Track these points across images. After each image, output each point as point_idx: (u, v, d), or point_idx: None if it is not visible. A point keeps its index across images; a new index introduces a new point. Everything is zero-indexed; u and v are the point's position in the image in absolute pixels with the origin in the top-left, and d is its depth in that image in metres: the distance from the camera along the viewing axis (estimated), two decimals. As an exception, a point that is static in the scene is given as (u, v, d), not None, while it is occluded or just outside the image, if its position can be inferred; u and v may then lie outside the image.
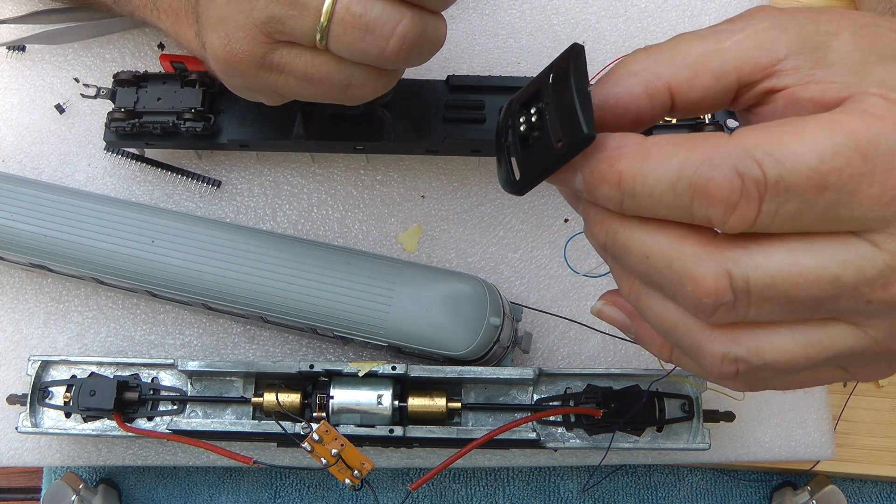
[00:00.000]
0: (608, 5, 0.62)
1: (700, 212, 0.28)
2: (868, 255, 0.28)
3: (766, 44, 0.30)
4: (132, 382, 0.51)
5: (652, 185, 0.28)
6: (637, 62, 0.31)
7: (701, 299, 0.28)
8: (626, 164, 0.29)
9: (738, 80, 0.30)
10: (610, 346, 0.56)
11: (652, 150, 0.29)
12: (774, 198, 0.27)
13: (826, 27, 0.30)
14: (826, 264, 0.28)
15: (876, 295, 0.28)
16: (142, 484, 0.60)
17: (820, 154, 0.26)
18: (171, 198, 0.58)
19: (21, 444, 0.55)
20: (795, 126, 0.27)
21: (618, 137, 0.30)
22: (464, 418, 0.50)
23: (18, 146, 0.59)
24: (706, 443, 0.49)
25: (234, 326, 0.57)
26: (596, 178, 0.30)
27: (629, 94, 0.31)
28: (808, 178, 0.26)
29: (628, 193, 0.29)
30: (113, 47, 0.61)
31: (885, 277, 0.28)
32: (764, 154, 0.27)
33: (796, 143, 0.27)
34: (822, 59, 0.29)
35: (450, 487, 0.60)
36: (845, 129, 0.27)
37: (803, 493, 0.58)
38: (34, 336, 0.57)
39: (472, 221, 0.58)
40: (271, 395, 0.49)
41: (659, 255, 0.29)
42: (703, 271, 0.28)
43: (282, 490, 0.60)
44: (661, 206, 0.28)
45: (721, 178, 0.27)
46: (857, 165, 0.26)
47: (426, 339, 0.48)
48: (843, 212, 0.27)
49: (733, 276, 0.28)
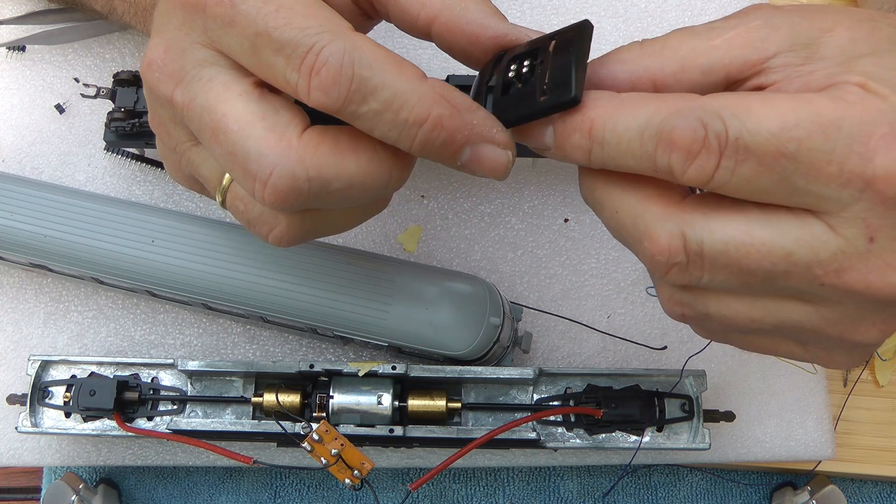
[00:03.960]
0: (608, 5, 0.62)
1: (663, 159, 0.29)
2: (823, 236, 0.28)
3: (756, 42, 0.30)
4: (132, 382, 0.51)
5: (621, 133, 0.29)
6: (629, 51, 0.32)
7: (655, 256, 0.30)
8: (598, 112, 0.30)
9: (727, 77, 0.31)
10: (610, 346, 0.56)
11: (625, 101, 0.30)
12: (733, 154, 0.28)
13: (821, 24, 0.30)
14: (780, 238, 0.29)
15: (829, 279, 0.29)
16: (142, 484, 0.60)
17: (782, 122, 0.27)
18: (171, 198, 0.58)
19: (21, 444, 0.55)
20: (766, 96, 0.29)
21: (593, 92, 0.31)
22: (464, 418, 0.50)
23: (18, 146, 0.59)
24: (706, 443, 0.49)
25: (234, 326, 0.57)
26: (568, 127, 0.31)
27: (612, 78, 0.32)
28: (767, 141, 0.27)
29: (598, 141, 0.30)
30: (113, 47, 0.61)
31: (838, 262, 0.28)
32: (729, 113, 0.28)
33: (762, 109, 0.28)
34: (814, 55, 0.30)
35: (450, 487, 0.60)
36: (813, 106, 0.28)
37: (803, 493, 0.58)
38: (34, 336, 0.57)
39: (472, 221, 0.58)
40: (271, 395, 0.49)
41: (626, 211, 0.31)
42: (659, 230, 0.30)
43: (282, 490, 0.60)
44: (627, 155, 0.30)
45: (685, 126, 0.28)
46: (817, 140, 0.27)
47: (426, 338, 0.48)
48: (799, 182, 0.28)
49: (687, 237, 0.29)
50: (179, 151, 0.36)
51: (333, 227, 0.36)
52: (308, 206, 0.33)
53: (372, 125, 0.30)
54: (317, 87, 0.30)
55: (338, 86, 0.29)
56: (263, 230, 0.35)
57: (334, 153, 0.31)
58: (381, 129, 0.30)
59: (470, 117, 0.31)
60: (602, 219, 0.33)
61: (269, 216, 0.34)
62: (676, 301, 0.32)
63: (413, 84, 0.30)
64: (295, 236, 0.35)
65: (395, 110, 0.30)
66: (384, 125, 0.30)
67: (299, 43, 0.30)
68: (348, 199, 0.32)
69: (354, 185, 0.32)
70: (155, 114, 0.36)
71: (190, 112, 0.33)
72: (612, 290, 0.57)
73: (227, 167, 0.33)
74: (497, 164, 0.32)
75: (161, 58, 0.33)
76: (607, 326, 0.56)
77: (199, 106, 0.32)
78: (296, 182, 0.31)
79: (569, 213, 0.58)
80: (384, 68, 0.30)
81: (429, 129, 0.30)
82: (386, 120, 0.30)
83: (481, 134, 0.31)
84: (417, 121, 0.30)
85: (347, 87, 0.29)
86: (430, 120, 0.30)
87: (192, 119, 0.33)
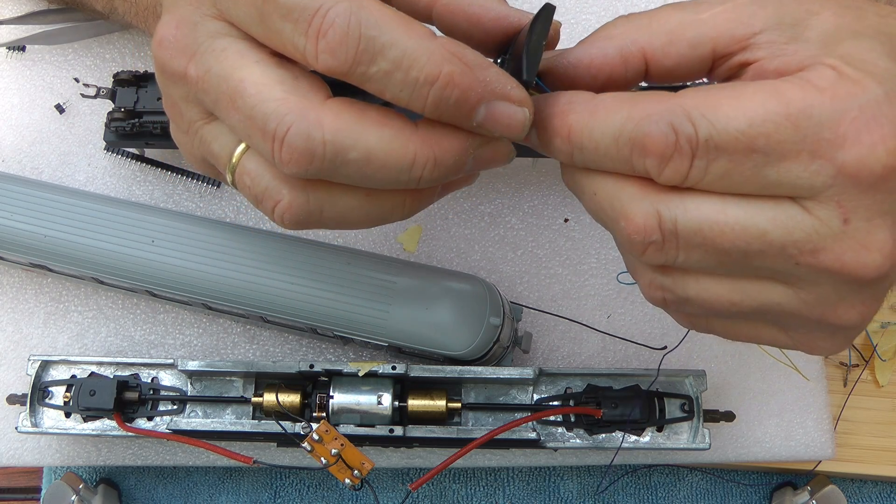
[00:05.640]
0: (608, 5, 0.62)
1: (639, 163, 0.29)
2: (797, 217, 0.29)
3: (744, 18, 0.31)
4: (132, 382, 0.51)
5: (597, 139, 0.30)
6: (616, 27, 0.33)
7: (631, 235, 0.30)
8: (574, 118, 0.31)
9: (714, 52, 0.31)
10: (610, 346, 0.56)
11: (599, 107, 0.30)
12: (705, 154, 0.28)
13: (808, 6, 0.31)
14: (754, 218, 0.29)
15: (804, 259, 0.29)
16: (142, 484, 0.60)
17: (750, 118, 0.28)
18: (171, 198, 0.58)
19: (21, 444, 0.55)
20: (735, 90, 0.29)
21: (568, 94, 0.31)
22: (464, 418, 0.50)
23: (18, 146, 0.59)
24: (706, 443, 0.49)
25: (234, 326, 0.57)
26: (549, 132, 0.31)
27: (603, 55, 0.32)
28: (737, 139, 0.28)
29: (577, 146, 0.31)
30: (113, 47, 0.61)
31: (813, 242, 0.29)
32: (699, 114, 0.28)
33: (730, 106, 0.28)
34: (798, 35, 0.30)
35: (450, 487, 0.60)
36: (781, 97, 0.28)
37: (803, 493, 0.58)
38: (34, 336, 0.57)
39: (472, 221, 0.58)
40: (271, 395, 0.49)
41: (604, 193, 0.31)
42: (634, 209, 0.30)
43: (282, 490, 0.60)
44: (605, 158, 0.30)
45: (657, 132, 0.29)
46: (787, 132, 0.28)
47: (426, 338, 0.48)
48: (770, 174, 0.28)
49: (662, 216, 0.30)
50: (192, 132, 0.35)
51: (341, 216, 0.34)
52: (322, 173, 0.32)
53: (382, 86, 0.30)
54: (324, 49, 0.29)
55: (345, 47, 0.29)
56: (269, 204, 0.34)
57: (357, 122, 0.31)
58: (392, 90, 0.30)
59: (483, 74, 0.30)
60: (583, 202, 0.33)
61: (275, 189, 0.33)
62: (657, 285, 0.33)
63: (422, 42, 0.29)
64: (299, 213, 0.34)
65: (406, 69, 0.29)
66: (395, 85, 0.30)
67: (305, 6, 0.29)
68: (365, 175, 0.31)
69: (373, 159, 0.31)
70: (168, 95, 0.36)
71: (205, 83, 0.32)
72: (612, 290, 0.57)
73: (246, 132, 0.32)
74: (514, 122, 0.31)
75: (173, 34, 0.33)
76: (607, 326, 0.56)
77: (215, 75, 0.32)
78: (311, 143, 0.30)
79: (569, 213, 0.58)
80: (392, 27, 0.29)
81: (441, 87, 0.30)
82: (396, 80, 0.29)
83: (495, 91, 0.30)
84: (429, 79, 0.29)
85: (355, 47, 0.29)
86: (442, 77, 0.29)
87: (209, 90, 0.32)
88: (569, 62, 0.33)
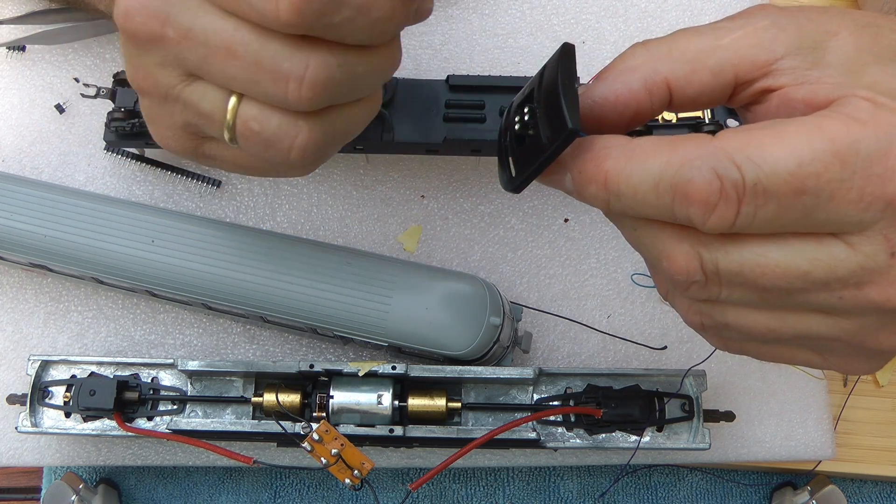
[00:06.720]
0: (608, 5, 0.62)
1: (681, 212, 0.28)
2: (841, 255, 0.28)
3: (764, 42, 0.30)
4: (132, 382, 0.51)
5: (636, 185, 0.29)
6: (635, 57, 0.32)
7: (674, 276, 0.30)
8: (611, 164, 0.29)
9: (735, 78, 0.31)
10: (610, 346, 0.56)
11: (636, 151, 0.29)
12: (752, 200, 0.27)
13: (826, 27, 0.30)
14: (795, 260, 0.28)
15: (848, 293, 0.28)
16: (142, 484, 0.60)
17: (798, 159, 0.27)
18: (171, 198, 0.58)
19: (21, 444, 0.55)
20: (777, 129, 0.28)
21: (605, 139, 0.30)
22: (464, 418, 0.50)
23: (18, 146, 0.59)
24: (706, 443, 0.49)
25: (234, 326, 0.57)
26: (584, 177, 0.30)
27: (628, 89, 0.31)
28: (786, 182, 0.27)
29: (614, 193, 0.30)
30: (113, 47, 0.61)
31: (857, 277, 0.28)
32: (743, 157, 0.27)
33: (776, 146, 0.27)
34: (820, 60, 0.29)
35: (450, 487, 0.60)
36: (826, 133, 0.27)
37: (803, 493, 0.58)
38: (34, 336, 0.57)
39: (472, 221, 0.58)
40: (271, 395, 0.49)
41: (645, 231, 0.31)
42: (676, 251, 0.30)
43: (282, 490, 0.60)
44: (644, 205, 0.29)
45: (700, 179, 0.27)
46: (836, 171, 0.27)
47: (426, 338, 0.48)
48: (820, 215, 0.27)
49: (703, 259, 0.29)
50: (172, 97, 0.34)
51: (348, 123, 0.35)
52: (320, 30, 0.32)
53: (346, 33, 0.31)
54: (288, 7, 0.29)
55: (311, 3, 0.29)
56: (285, 144, 0.33)
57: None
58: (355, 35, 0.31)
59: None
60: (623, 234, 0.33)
61: (289, 126, 0.33)
62: (696, 311, 0.32)
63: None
64: (318, 143, 0.34)
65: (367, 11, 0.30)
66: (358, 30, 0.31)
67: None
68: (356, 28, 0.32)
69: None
70: (138, 67, 0.34)
71: (190, 41, 0.32)
72: (612, 290, 0.57)
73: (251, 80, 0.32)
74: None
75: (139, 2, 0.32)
76: (607, 326, 0.56)
77: (200, 29, 0.31)
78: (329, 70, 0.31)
79: (569, 213, 0.58)
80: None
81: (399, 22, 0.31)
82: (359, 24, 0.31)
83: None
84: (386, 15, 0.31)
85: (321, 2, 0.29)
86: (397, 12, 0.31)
87: (195, 47, 0.32)
88: (594, 101, 0.32)
